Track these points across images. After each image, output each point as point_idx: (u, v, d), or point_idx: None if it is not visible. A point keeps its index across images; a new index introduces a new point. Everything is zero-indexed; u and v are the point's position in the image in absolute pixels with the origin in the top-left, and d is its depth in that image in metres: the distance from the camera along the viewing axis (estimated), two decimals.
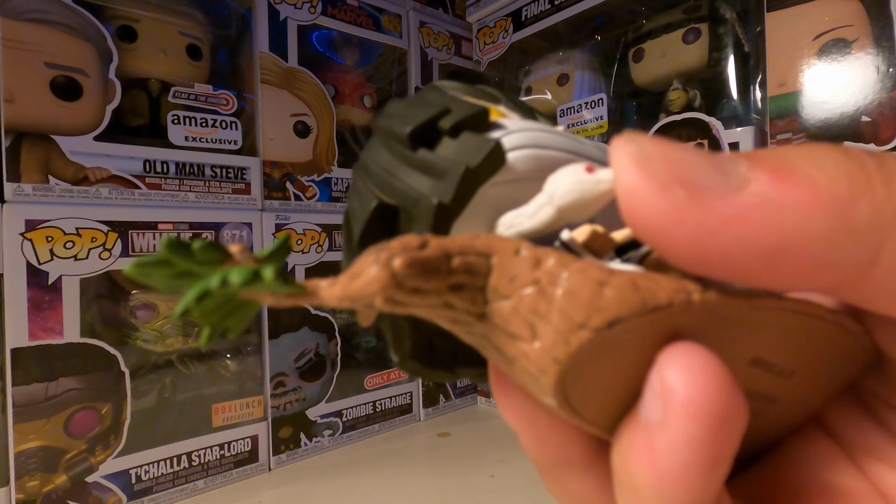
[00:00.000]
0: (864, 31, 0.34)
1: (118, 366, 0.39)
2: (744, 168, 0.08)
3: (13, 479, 0.35)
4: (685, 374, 0.08)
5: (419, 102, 0.12)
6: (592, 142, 0.13)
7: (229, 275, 0.08)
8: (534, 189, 0.10)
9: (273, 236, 0.47)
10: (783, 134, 0.37)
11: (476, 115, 0.11)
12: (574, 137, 0.12)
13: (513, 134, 0.11)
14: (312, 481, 0.45)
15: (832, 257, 0.08)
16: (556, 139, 0.12)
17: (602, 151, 0.12)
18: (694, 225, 0.08)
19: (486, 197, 0.11)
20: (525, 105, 0.14)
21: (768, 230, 0.08)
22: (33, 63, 0.36)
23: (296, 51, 0.50)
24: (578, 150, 0.12)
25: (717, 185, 0.08)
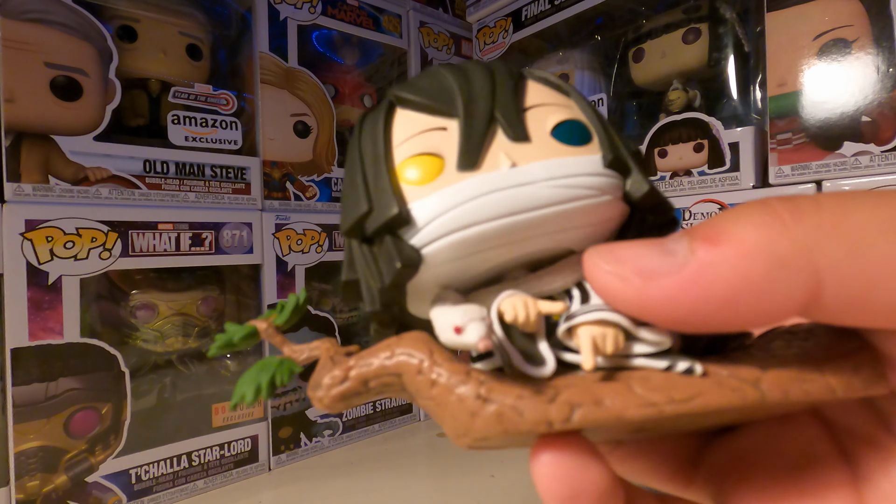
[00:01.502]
0: (864, 31, 0.34)
1: (118, 366, 0.39)
2: (685, 243, 0.10)
3: (13, 479, 0.35)
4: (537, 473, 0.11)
5: (353, 185, 0.13)
6: (543, 175, 0.11)
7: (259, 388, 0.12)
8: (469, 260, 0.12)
9: (273, 236, 0.47)
10: (783, 134, 0.37)
11: (390, 221, 0.11)
12: (517, 181, 0.11)
13: (428, 226, 0.11)
14: (312, 481, 0.45)
15: (777, 291, 0.10)
16: (487, 205, 0.11)
17: (553, 186, 0.11)
18: (658, 299, 0.10)
19: (424, 280, 0.12)
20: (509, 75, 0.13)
21: (716, 286, 0.10)
22: (33, 63, 0.36)
23: (296, 51, 0.50)
24: (516, 206, 0.11)
25: (666, 266, 0.10)
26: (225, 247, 0.44)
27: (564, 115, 0.12)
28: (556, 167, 0.11)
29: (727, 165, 0.40)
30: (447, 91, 0.12)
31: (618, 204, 0.12)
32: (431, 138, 0.12)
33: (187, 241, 0.42)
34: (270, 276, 0.47)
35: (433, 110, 0.12)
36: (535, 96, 0.12)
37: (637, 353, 0.11)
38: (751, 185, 0.39)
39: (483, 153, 0.11)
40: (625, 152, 0.12)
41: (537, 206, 0.11)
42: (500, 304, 0.11)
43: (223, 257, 0.44)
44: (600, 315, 0.11)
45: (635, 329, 0.11)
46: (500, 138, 0.12)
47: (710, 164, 0.41)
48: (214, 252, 0.44)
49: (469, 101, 0.12)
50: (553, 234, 0.12)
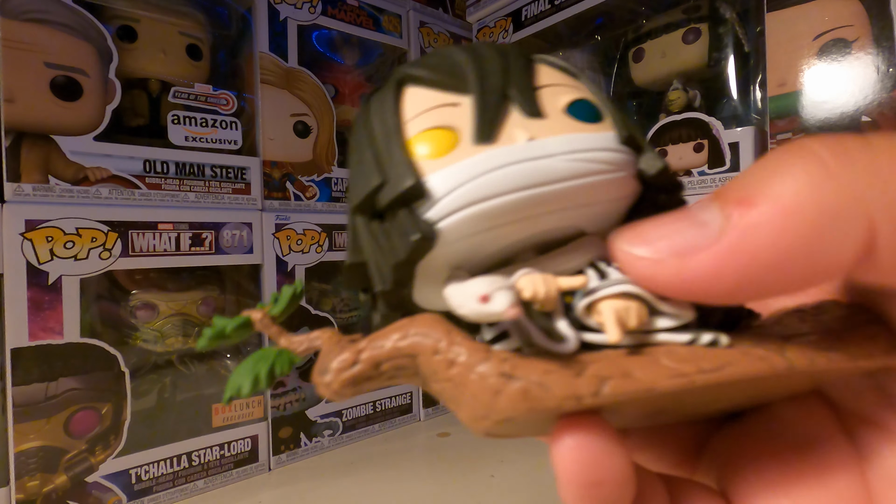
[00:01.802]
0: (864, 31, 0.34)
1: (118, 366, 0.39)
2: (717, 210, 0.09)
3: (13, 479, 0.35)
4: (560, 458, 0.10)
5: (361, 162, 0.12)
6: (561, 148, 0.11)
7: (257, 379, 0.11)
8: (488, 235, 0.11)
9: (273, 236, 0.47)
10: (783, 134, 0.37)
11: (406, 193, 0.11)
12: (536, 154, 0.11)
13: (446, 198, 0.11)
14: (312, 481, 0.45)
15: (828, 248, 0.09)
16: (506, 178, 0.11)
17: (571, 160, 0.11)
18: (700, 276, 0.09)
19: (435, 260, 0.11)
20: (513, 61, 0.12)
21: (760, 252, 0.09)
22: (33, 63, 0.36)
23: (296, 51, 0.50)
24: (535, 179, 0.11)
25: (700, 239, 0.09)
26: (225, 247, 0.44)
27: (577, 95, 0.12)
28: (575, 141, 0.11)
29: (727, 165, 0.40)
30: (458, 67, 0.12)
31: (631, 181, 0.12)
32: (444, 113, 0.12)
33: (187, 241, 0.42)
34: (270, 276, 0.47)
35: (445, 86, 0.12)
36: (546, 77, 0.12)
37: (659, 327, 0.11)
38: None
39: (499, 128, 0.11)
40: (636, 132, 0.12)
41: (556, 178, 0.11)
42: (517, 282, 0.11)
43: (223, 257, 0.44)
44: (622, 288, 0.10)
45: (657, 302, 0.11)
46: (515, 114, 0.11)
47: (710, 164, 0.41)
48: (214, 252, 0.44)
49: (482, 77, 0.12)
50: (569, 210, 0.11)
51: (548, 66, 0.13)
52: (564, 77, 0.13)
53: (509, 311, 0.09)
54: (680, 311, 0.11)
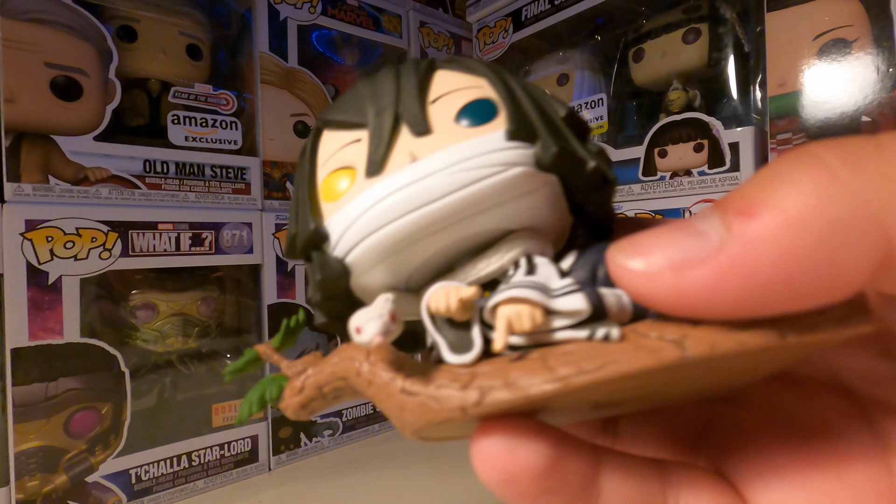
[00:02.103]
0: (864, 31, 0.34)
1: (118, 366, 0.39)
2: (717, 221, 0.09)
3: (13, 479, 0.35)
4: (476, 463, 0.10)
5: (291, 206, 0.14)
6: (442, 163, 0.11)
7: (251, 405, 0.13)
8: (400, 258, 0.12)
9: (273, 236, 0.47)
10: (783, 134, 0.37)
11: (310, 238, 0.12)
12: (418, 176, 0.11)
13: (344, 237, 0.12)
14: (312, 481, 0.45)
15: (839, 262, 0.08)
16: (391, 206, 0.11)
17: (452, 173, 0.11)
18: (697, 292, 0.09)
19: (367, 286, 0.13)
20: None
21: (763, 267, 0.08)
22: (33, 63, 0.36)
23: (296, 51, 0.50)
24: (419, 200, 0.11)
25: (698, 251, 0.09)
26: (225, 247, 0.44)
27: (471, 97, 0.12)
28: (454, 153, 0.11)
29: (727, 165, 0.40)
30: (360, 102, 0.13)
31: (533, 174, 0.11)
32: (347, 153, 0.12)
33: (187, 241, 0.42)
34: (270, 276, 0.47)
35: (349, 125, 0.13)
36: (442, 85, 0.12)
37: (559, 326, 0.10)
38: None
39: (388, 155, 0.12)
40: (535, 117, 0.12)
41: (440, 195, 0.11)
42: (427, 298, 0.11)
43: (223, 257, 0.44)
44: (511, 293, 0.10)
45: (549, 302, 0.10)
46: (405, 136, 0.12)
47: (710, 164, 0.41)
48: (214, 252, 0.44)
49: (376, 107, 0.12)
50: (472, 216, 0.11)
51: (448, 71, 0.13)
52: (464, 78, 0.13)
53: (375, 340, 0.10)
54: (573, 309, 0.10)
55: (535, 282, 0.11)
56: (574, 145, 0.12)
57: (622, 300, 0.11)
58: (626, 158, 0.47)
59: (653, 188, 0.45)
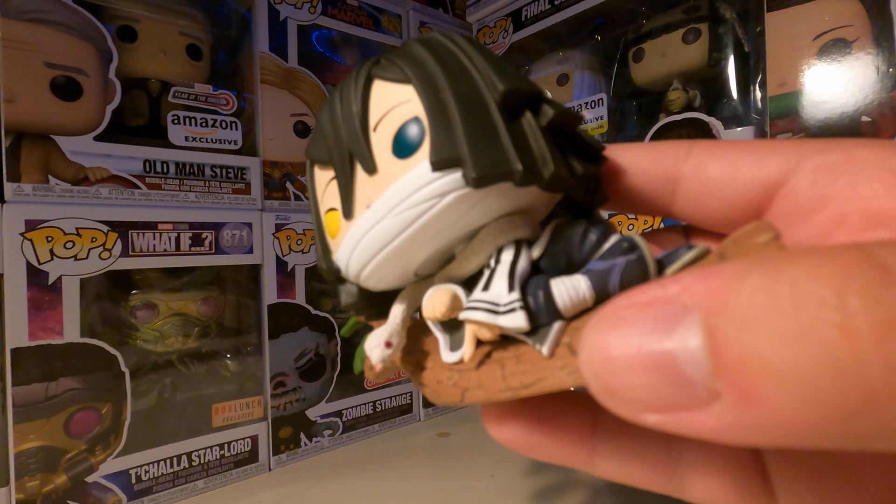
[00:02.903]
0: (864, 31, 0.34)
1: (118, 366, 0.39)
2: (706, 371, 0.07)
3: (13, 479, 0.35)
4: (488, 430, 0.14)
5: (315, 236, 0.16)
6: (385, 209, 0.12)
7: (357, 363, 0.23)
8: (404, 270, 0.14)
9: (273, 236, 0.47)
10: (783, 134, 0.37)
11: (328, 273, 0.15)
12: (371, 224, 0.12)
13: (348, 269, 0.14)
14: (312, 481, 0.45)
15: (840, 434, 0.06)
16: (365, 248, 0.13)
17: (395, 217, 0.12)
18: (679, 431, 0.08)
19: (383, 288, 0.15)
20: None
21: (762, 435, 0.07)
22: (33, 63, 0.36)
23: (296, 51, 0.50)
24: (379, 243, 0.12)
25: (682, 400, 0.07)
26: (225, 247, 0.44)
27: (400, 121, 0.12)
28: (391, 197, 0.12)
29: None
30: (324, 138, 0.14)
31: (472, 192, 0.11)
32: (331, 191, 0.14)
33: (187, 241, 0.42)
34: (270, 276, 0.47)
35: (323, 163, 0.14)
36: (379, 105, 0.13)
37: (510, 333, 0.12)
38: None
39: (353, 200, 0.13)
40: (458, 135, 0.11)
41: (392, 237, 0.12)
42: (424, 302, 0.13)
43: (223, 257, 0.44)
44: (465, 315, 0.12)
45: (496, 319, 0.12)
46: (361, 175, 0.13)
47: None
48: (214, 252, 0.44)
49: (332, 147, 0.13)
50: (436, 236, 0.12)
51: (382, 83, 0.13)
52: (395, 91, 0.12)
53: (377, 367, 0.14)
54: (515, 327, 0.12)
55: (486, 301, 0.12)
56: (503, 149, 0.11)
57: (579, 291, 0.11)
58: None
59: None
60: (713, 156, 0.14)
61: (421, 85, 0.12)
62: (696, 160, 0.14)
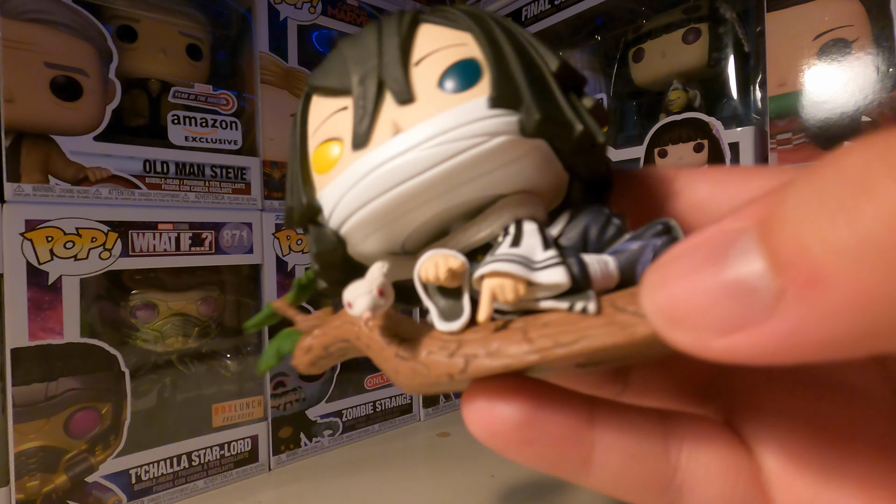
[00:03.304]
0: (864, 31, 0.34)
1: (118, 366, 0.39)
2: (766, 274, 0.07)
3: (13, 479, 0.35)
4: (466, 419, 0.11)
5: (287, 176, 0.14)
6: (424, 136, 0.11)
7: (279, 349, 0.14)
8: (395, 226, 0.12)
9: (273, 236, 0.47)
10: (783, 134, 0.37)
11: (304, 212, 0.13)
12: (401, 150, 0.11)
13: (335, 210, 0.12)
14: (312, 481, 0.45)
15: None
16: (377, 180, 0.11)
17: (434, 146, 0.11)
18: (749, 353, 0.08)
19: (364, 252, 0.13)
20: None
21: (827, 339, 0.07)
22: (33, 63, 0.36)
23: (296, 51, 0.50)
24: (403, 175, 0.11)
25: (746, 314, 0.07)
26: (225, 247, 0.44)
27: (453, 58, 0.12)
28: (436, 124, 0.11)
29: (727, 166, 0.40)
30: (344, 66, 0.12)
31: (519, 141, 0.11)
32: (335, 122, 0.12)
33: (187, 241, 0.42)
34: (270, 276, 0.47)
35: (334, 92, 0.12)
36: (426, 44, 0.12)
37: (542, 296, 0.11)
38: None
39: (373, 126, 0.11)
40: (519, 80, 0.11)
41: (423, 169, 0.11)
42: (418, 267, 0.11)
43: (223, 257, 0.44)
44: (492, 267, 0.10)
45: (530, 275, 0.10)
46: (389, 104, 0.12)
47: (710, 164, 0.42)
48: (214, 252, 0.44)
49: (359, 73, 0.12)
50: (459, 186, 0.11)
51: (432, 26, 0.12)
52: (448, 34, 0.12)
53: (364, 316, 0.11)
54: (553, 283, 0.10)
55: (519, 255, 0.11)
56: (562, 108, 0.11)
57: (608, 267, 0.11)
58: (626, 158, 0.47)
59: None
60: (699, 177, 0.14)
61: (481, 32, 0.12)
62: (685, 180, 0.14)
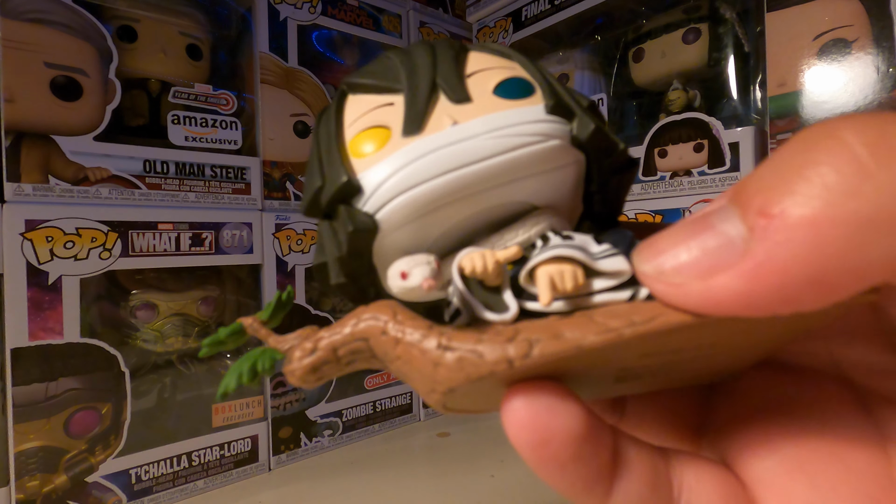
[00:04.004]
0: (864, 31, 0.34)
1: (118, 366, 0.39)
2: (738, 221, 0.09)
3: (13, 479, 0.35)
4: (507, 421, 0.10)
5: (310, 168, 0.13)
6: (485, 128, 0.11)
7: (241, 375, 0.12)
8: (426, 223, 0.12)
9: (273, 236, 0.47)
10: (783, 134, 0.37)
11: (340, 190, 0.12)
12: (460, 137, 0.11)
13: (378, 190, 0.11)
14: (312, 481, 0.45)
15: (869, 260, 0.08)
16: (432, 163, 0.11)
17: (494, 137, 0.11)
18: (727, 297, 0.09)
19: (388, 248, 0.12)
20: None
21: (790, 269, 0.08)
22: (33, 63, 0.36)
23: (296, 51, 0.50)
24: (460, 160, 0.11)
25: (724, 256, 0.09)
26: (225, 247, 0.44)
27: (507, 74, 0.13)
28: (498, 119, 0.11)
29: (727, 165, 0.40)
30: (392, 70, 0.13)
31: (568, 149, 0.12)
32: (379, 114, 0.12)
33: (187, 241, 0.42)
34: (270, 276, 0.47)
35: (380, 89, 0.13)
36: (477, 63, 0.13)
37: (599, 288, 0.11)
38: None
39: (427, 118, 0.12)
40: (569, 99, 0.12)
41: (481, 157, 0.11)
42: (460, 260, 0.11)
43: (223, 257, 0.44)
44: (555, 252, 0.10)
45: (593, 262, 0.10)
46: (443, 102, 0.12)
47: (710, 164, 0.42)
48: (214, 252, 0.44)
49: (412, 74, 0.12)
50: (506, 184, 0.12)
51: (480, 53, 0.13)
52: (497, 60, 0.13)
53: (425, 284, 0.10)
54: (618, 269, 0.10)
55: (576, 244, 0.11)
56: (605, 130, 0.12)
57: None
58: None
59: (653, 188, 0.45)
60: None
61: (526, 60, 0.13)
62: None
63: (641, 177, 0.46)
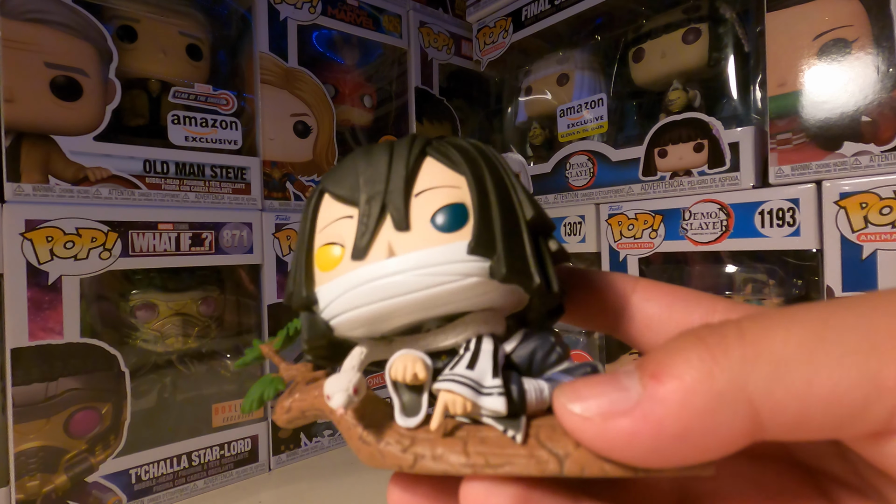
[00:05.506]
0: (864, 31, 0.34)
1: (118, 366, 0.39)
2: (636, 380, 0.11)
3: (13, 479, 0.35)
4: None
5: (291, 265, 0.16)
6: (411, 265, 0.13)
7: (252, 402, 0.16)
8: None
9: (273, 236, 0.47)
10: (783, 134, 0.37)
11: (303, 301, 0.15)
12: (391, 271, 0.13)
13: (329, 306, 0.14)
14: (312, 481, 0.45)
15: (721, 424, 0.10)
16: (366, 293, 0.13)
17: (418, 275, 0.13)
18: (617, 438, 0.11)
19: (350, 336, 0.15)
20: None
21: (666, 422, 0.10)
22: (33, 63, 0.36)
23: (296, 51, 0.50)
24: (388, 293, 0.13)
25: (622, 403, 0.11)
26: (225, 247, 0.44)
27: (447, 200, 0.14)
28: (423, 258, 0.13)
29: (727, 165, 0.40)
30: (354, 178, 0.14)
31: (489, 282, 0.13)
32: (340, 227, 0.14)
33: (187, 241, 0.42)
34: (270, 276, 0.47)
35: (344, 200, 0.14)
36: (427, 178, 0.14)
37: (485, 413, 0.13)
38: (751, 185, 0.39)
39: (372, 242, 0.14)
40: (497, 230, 0.13)
41: (405, 291, 0.13)
42: (390, 363, 0.13)
43: (223, 257, 0.44)
44: (448, 386, 0.13)
45: (478, 398, 0.12)
46: (388, 226, 0.14)
47: (710, 164, 0.42)
48: (214, 252, 0.44)
49: (367, 191, 0.14)
50: (436, 307, 0.14)
51: (435, 162, 0.14)
52: (447, 175, 0.14)
53: (338, 411, 0.13)
54: (492, 408, 0.12)
55: (471, 378, 0.13)
56: (527, 260, 0.13)
57: (543, 394, 0.13)
58: (626, 158, 0.47)
59: (653, 188, 0.45)
60: (652, 296, 0.16)
61: (473, 180, 0.14)
62: (640, 296, 0.16)
63: (641, 177, 0.46)
